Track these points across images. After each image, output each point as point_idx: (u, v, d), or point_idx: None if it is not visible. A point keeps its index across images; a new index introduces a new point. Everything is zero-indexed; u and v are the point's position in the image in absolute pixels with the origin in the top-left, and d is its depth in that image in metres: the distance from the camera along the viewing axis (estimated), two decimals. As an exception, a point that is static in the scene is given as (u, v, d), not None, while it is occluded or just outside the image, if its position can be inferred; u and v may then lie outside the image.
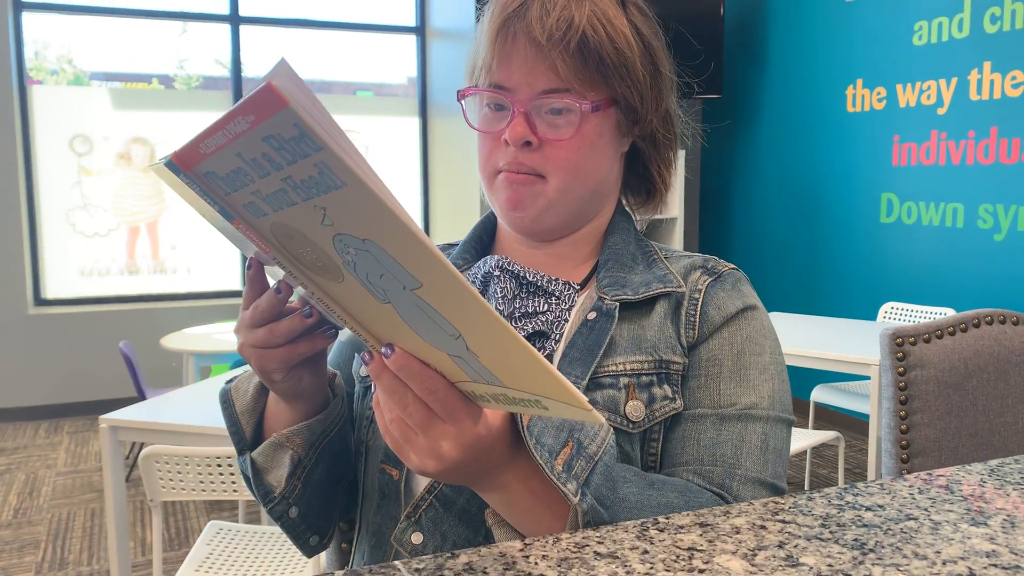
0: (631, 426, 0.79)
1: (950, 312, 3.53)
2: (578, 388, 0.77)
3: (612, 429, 0.70)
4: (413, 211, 5.78)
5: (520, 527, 0.69)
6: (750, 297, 0.88)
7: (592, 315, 0.84)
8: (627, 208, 0.97)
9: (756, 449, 0.80)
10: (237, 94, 5.27)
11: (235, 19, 5.24)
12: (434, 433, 0.61)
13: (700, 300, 0.86)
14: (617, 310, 0.84)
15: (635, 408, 0.80)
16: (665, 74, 0.89)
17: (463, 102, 0.89)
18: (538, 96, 0.83)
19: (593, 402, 0.79)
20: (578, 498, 0.63)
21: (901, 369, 1.42)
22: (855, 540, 0.59)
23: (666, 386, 0.82)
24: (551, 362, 0.81)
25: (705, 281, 0.87)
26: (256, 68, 5.35)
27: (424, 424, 0.60)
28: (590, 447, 0.67)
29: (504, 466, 0.66)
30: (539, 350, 0.84)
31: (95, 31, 5.14)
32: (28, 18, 4.93)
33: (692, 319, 0.85)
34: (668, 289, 0.85)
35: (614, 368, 0.81)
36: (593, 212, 0.91)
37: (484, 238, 0.98)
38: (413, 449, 0.62)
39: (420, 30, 5.68)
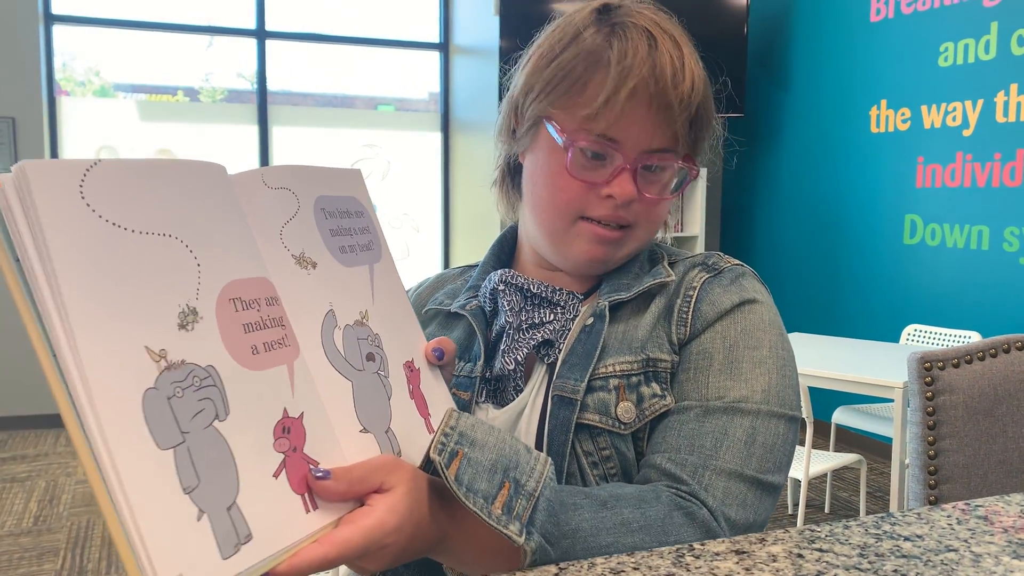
0: (623, 427, 0.79)
1: (975, 335, 3.49)
2: (577, 391, 0.79)
3: (550, 460, 0.66)
4: (434, 228, 5.80)
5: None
6: (751, 291, 0.84)
7: (590, 320, 0.84)
8: None
9: (738, 443, 0.75)
10: (262, 107, 5.32)
11: (261, 34, 5.30)
12: (358, 565, 0.60)
13: (694, 297, 0.84)
14: (607, 310, 0.84)
15: (626, 410, 0.79)
16: None
17: (549, 127, 0.84)
18: (645, 154, 0.82)
19: (586, 406, 0.79)
20: (524, 538, 0.60)
21: (929, 394, 1.40)
22: (895, 571, 0.58)
23: (654, 384, 0.80)
24: (555, 369, 0.83)
25: (702, 278, 0.85)
26: (280, 82, 5.41)
27: (350, 561, 0.59)
28: (528, 484, 0.63)
29: (444, 530, 0.63)
30: (546, 358, 0.85)
31: (123, 44, 5.21)
32: (58, 30, 5.00)
33: (685, 316, 0.83)
34: (659, 281, 0.85)
35: (604, 371, 0.81)
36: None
37: (502, 257, 0.98)
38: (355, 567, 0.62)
39: (444, 47, 5.72)
